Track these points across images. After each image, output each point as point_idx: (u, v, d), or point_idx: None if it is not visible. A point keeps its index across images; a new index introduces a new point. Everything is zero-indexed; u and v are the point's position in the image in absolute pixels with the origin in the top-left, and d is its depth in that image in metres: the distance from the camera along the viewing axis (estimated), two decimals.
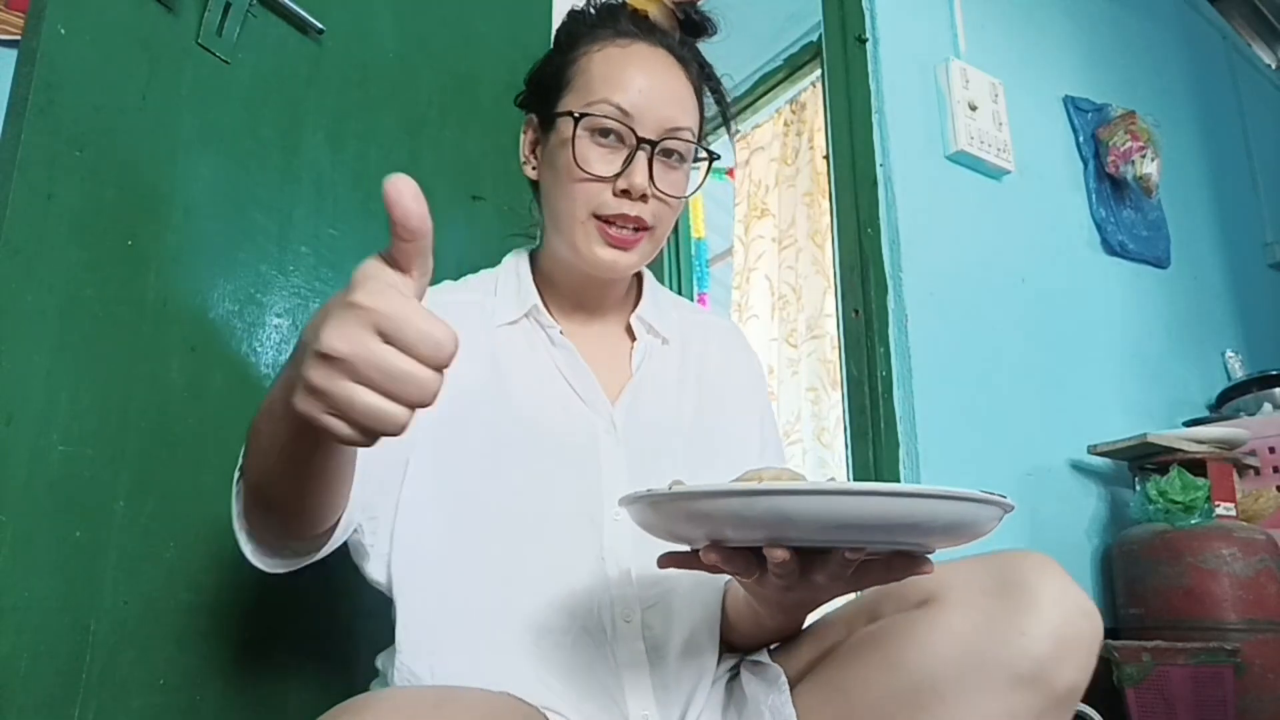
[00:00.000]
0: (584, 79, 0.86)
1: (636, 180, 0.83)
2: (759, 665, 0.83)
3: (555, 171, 0.87)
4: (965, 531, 0.58)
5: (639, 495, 0.61)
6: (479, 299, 0.92)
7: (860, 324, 2.13)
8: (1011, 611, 0.65)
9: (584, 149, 0.83)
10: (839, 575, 0.61)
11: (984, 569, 0.69)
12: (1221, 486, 2.11)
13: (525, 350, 0.88)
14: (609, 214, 0.84)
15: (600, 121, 0.83)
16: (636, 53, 0.87)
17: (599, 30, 0.89)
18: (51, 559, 0.91)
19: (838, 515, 0.54)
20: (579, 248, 0.86)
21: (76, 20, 0.99)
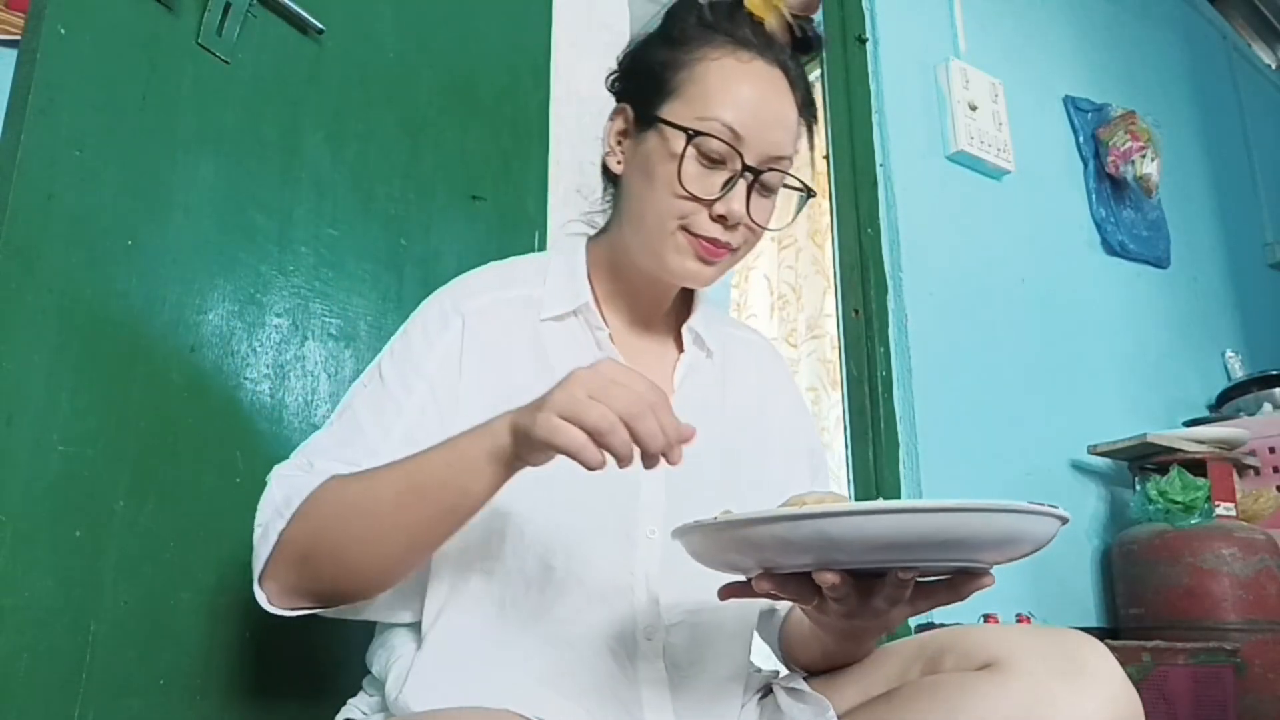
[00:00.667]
0: (698, 89, 0.82)
1: (735, 208, 0.80)
2: (799, 693, 0.83)
3: (650, 178, 0.83)
4: (1018, 545, 0.58)
5: (692, 525, 0.61)
6: (526, 292, 0.88)
7: (860, 324, 2.13)
8: (1074, 692, 0.68)
9: (689, 167, 0.80)
10: (897, 598, 0.61)
11: (1046, 643, 0.72)
12: (1221, 486, 2.11)
13: (571, 350, 0.85)
14: (700, 234, 0.82)
15: (710, 143, 0.80)
16: (755, 71, 0.82)
17: (716, 35, 0.83)
18: (51, 559, 0.91)
19: (881, 535, 0.54)
20: (664, 257, 0.83)
21: (76, 20, 0.99)
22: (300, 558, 0.71)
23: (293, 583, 0.72)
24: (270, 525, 0.71)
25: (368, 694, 0.83)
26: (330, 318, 1.19)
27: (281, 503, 0.72)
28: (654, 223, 0.82)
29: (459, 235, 1.35)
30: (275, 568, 0.71)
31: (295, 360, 1.14)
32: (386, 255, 1.26)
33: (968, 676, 0.72)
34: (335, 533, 0.70)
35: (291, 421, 1.12)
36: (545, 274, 0.90)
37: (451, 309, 0.84)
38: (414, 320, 0.86)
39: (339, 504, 0.70)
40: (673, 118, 0.81)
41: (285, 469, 0.76)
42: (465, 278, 0.90)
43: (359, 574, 0.71)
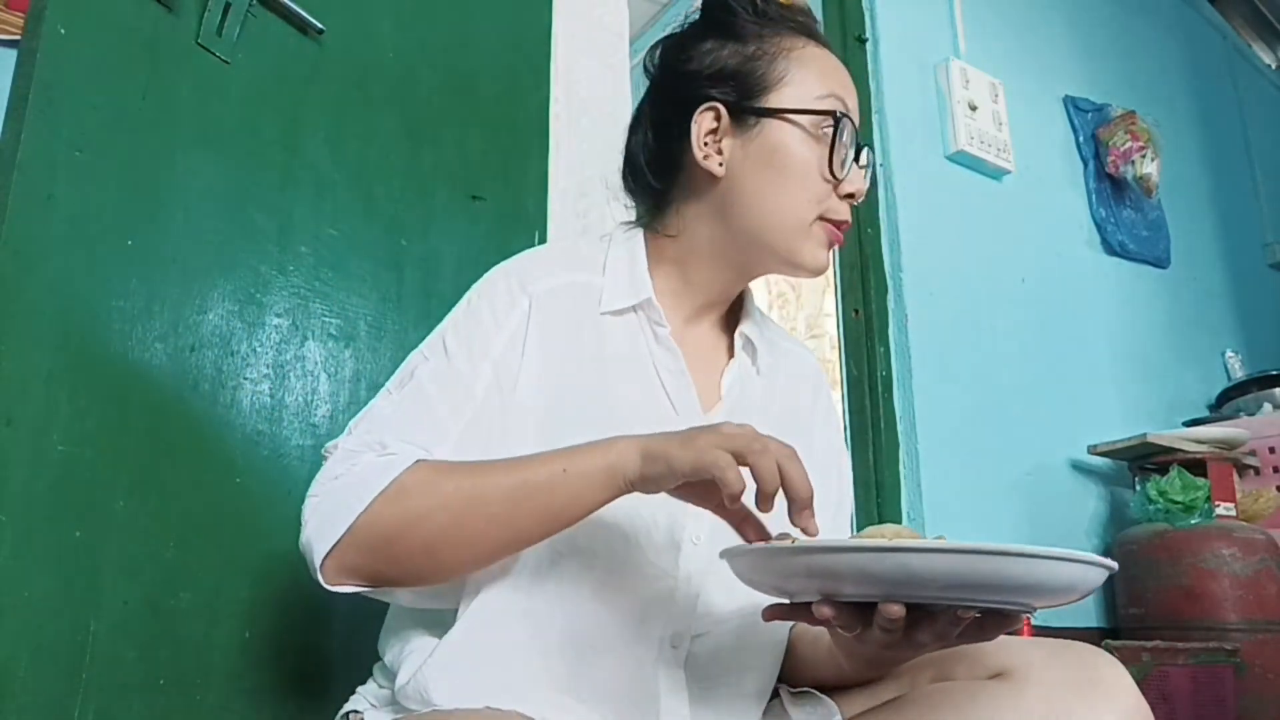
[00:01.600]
0: (802, 72, 0.82)
1: (861, 183, 0.82)
2: (806, 696, 0.82)
3: (779, 170, 0.81)
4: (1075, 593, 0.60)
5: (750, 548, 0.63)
6: (586, 278, 0.85)
7: (860, 324, 2.13)
8: (1090, 705, 0.68)
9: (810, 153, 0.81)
10: (944, 634, 0.61)
11: (1062, 656, 0.72)
12: (1221, 486, 2.11)
13: (628, 344, 0.83)
14: (835, 218, 0.82)
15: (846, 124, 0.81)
16: (828, 54, 0.86)
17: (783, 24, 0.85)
18: (51, 559, 0.91)
19: (963, 575, 0.55)
20: (799, 253, 0.82)
21: (76, 20, 0.99)
22: (382, 542, 0.69)
23: (358, 564, 0.70)
24: (342, 505, 0.69)
25: (378, 684, 0.82)
26: (330, 318, 1.19)
27: (357, 483, 0.69)
28: (791, 216, 0.82)
29: (459, 235, 1.35)
30: (345, 551, 0.69)
31: (295, 360, 1.14)
32: (386, 255, 1.26)
33: (979, 685, 0.72)
34: (431, 524, 0.69)
35: (291, 421, 1.12)
36: (604, 264, 0.87)
37: (519, 288, 0.82)
38: (479, 295, 0.83)
39: (439, 495, 0.69)
40: (792, 104, 0.81)
41: (351, 444, 0.73)
42: (531, 255, 0.88)
43: (444, 565, 0.71)
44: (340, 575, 0.70)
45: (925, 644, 0.63)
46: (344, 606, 1.11)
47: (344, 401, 1.17)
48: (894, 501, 1.98)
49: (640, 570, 0.77)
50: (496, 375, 0.77)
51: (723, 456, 0.63)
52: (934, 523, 1.97)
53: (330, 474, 0.72)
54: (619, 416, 0.77)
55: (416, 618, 0.79)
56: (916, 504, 1.99)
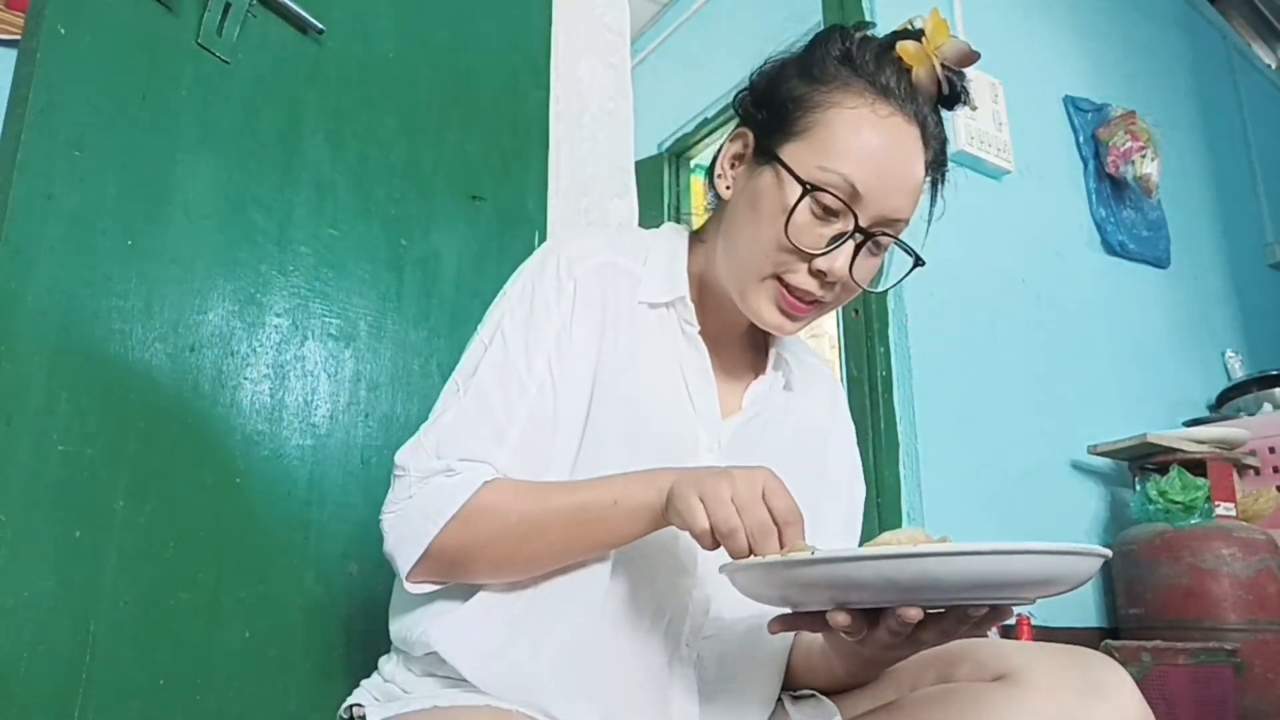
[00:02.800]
0: (825, 134, 0.77)
1: (837, 266, 0.77)
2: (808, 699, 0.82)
3: (756, 216, 0.79)
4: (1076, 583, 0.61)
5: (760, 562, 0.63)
6: (629, 264, 0.86)
7: (860, 324, 2.13)
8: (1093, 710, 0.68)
9: (800, 218, 0.76)
10: (950, 632, 0.62)
11: (1065, 660, 0.72)
12: (1221, 486, 2.11)
13: (658, 338, 0.84)
14: (794, 286, 0.79)
15: (826, 198, 0.76)
16: (891, 128, 0.77)
17: (857, 79, 0.78)
18: (51, 559, 0.91)
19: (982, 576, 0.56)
20: (748, 297, 0.81)
21: (76, 20, 0.99)
22: (455, 563, 0.76)
23: (436, 575, 0.77)
24: (418, 527, 0.75)
25: (383, 679, 0.82)
26: (330, 318, 1.19)
27: (430, 508, 0.75)
28: (749, 263, 0.80)
29: (459, 235, 1.35)
30: (423, 567, 0.76)
31: (295, 360, 1.14)
32: (386, 255, 1.26)
33: (982, 687, 0.72)
34: (497, 550, 0.75)
35: (291, 421, 1.12)
36: (646, 254, 0.88)
37: (566, 273, 0.83)
38: (531, 280, 0.84)
39: (503, 523, 0.74)
40: (793, 161, 0.77)
41: (420, 464, 0.77)
42: (577, 237, 0.89)
43: (511, 576, 0.77)
44: (421, 579, 0.77)
45: (928, 642, 0.63)
46: (345, 607, 1.11)
47: (344, 401, 1.17)
48: (894, 501, 1.98)
49: (660, 569, 0.78)
50: (550, 368, 0.80)
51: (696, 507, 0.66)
52: (934, 523, 1.97)
53: (403, 493, 0.77)
54: (644, 405, 0.81)
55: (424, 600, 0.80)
56: (916, 504, 1.98)
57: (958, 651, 0.76)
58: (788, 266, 0.78)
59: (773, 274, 0.79)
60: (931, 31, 0.78)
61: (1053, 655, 0.73)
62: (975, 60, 0.80)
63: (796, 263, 0.78)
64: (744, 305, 0.82)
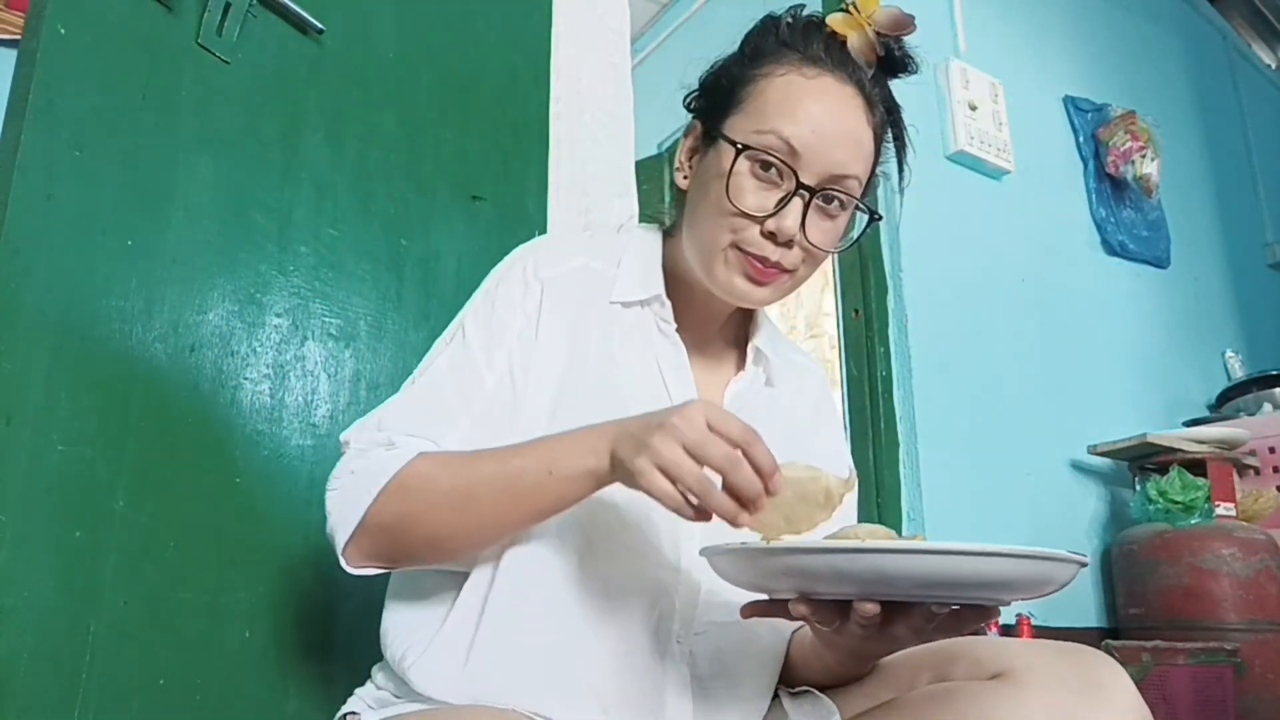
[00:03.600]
0: (758, 103, 0.80)
1: (786, 224, 0.77)
2: (806, 695, 0.82)
3: (705, 194, 0.82)
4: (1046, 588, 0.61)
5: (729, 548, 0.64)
6: (601, 266, 0.87)
7: (860, 324, 2.13)
8: (1091, 708, 0.68)
9: (740, 182, 0.78)
10: (920, 629, 0.63)
11: (1062, 658, 0.72)
12: (1221, 486, 2.11)
13: (635, 336, 0.85)
14: (750, 251, 0.79)
15: (763, 156, 0.78)
16: (821, 86, 0.79)
17: (787, 51, 0.81)
18: (51, 559, 0.91)
19: (935, 574, 0.57)
20: (715, 274, 0.82)
21: (76, 20, 0.99)
22: (389, 536, 0.74)
23: (374, 551, 0.76)
24: (354, 499, 0.74)
25: (376, 686, 0.82)
26: (330, 318, 1.19)
27: (366, 478, 0.74)
28: (707, 238, 0.81)
29: (459, 235, 1.35)
30: (360, 539, 0.75)
31: (295, 360, 1.14)
32: (386, 255, 1.26)
33: (979, 685, 0.72)
34: (431, 521, 0.73)
35: (291, 421, 1.12)
36: (620, 256, 0.89)
37: (533, 275, 0.84)
38: (497, 280, 0.86)
39: (435, 494, 0.73)
40: (732, 132, 0.80)
41: (361, 437, 0.78)
42: (549, 240, 0.90)
43: (449, 553, 0.76)
44: (361, 560, 0.76)
45: (901, 638, 0.64)
46: (345, 607, 1.11)
47: (344, 401, 1.17)
48: (894, 501, 1.98)
49: (643, 565, 0.78)
50: (510, 367, 0.81)
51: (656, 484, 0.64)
52: (934, 523, 1.97)
53: (346, 469, 0.77)
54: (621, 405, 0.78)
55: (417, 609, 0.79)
56: (916, 504, 1.99)
57: (955, 650, 0.76)
58: (741, 232, 0.79)
59: (730, 243, 0.80)
60: (862, 1, 0.81)
61: (1050, 654, 0.73)
62: (909, 25, 0.83)
63: (749, 226, 0.79)
64: (712, 282, 0.82)
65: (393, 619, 0.81)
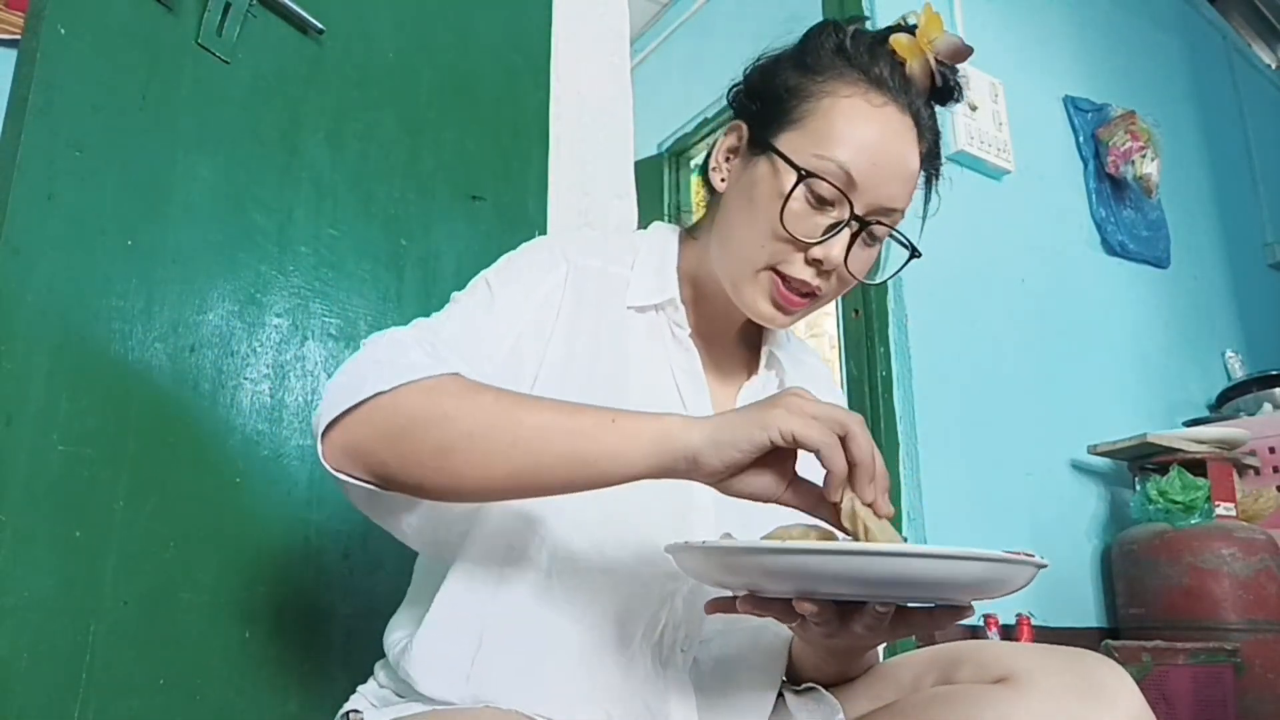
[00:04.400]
0: (821, 123, 0.77)
1: (834, 254, 0.76)
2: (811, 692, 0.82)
3: (752, 206, 0.79)
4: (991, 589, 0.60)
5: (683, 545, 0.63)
6: (617, 270, 0.86)
7: (860, 324, 2.13)
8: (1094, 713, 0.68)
9: (795, 206, 0.76)
10: (875, 626, 0.62)
11: (1066, 663, 0.72)
12: (1221, 486, 2.11)
13: (647, 341, 0.84)
14: (790, 275, 0.78)
15: (822, 186, 0.75)
16: (885, 116, 0.77)
17: (851, 70, 0.78)
18: (51, 559, 0.91)
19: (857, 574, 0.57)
20: (742, 290, 0.80)
21: (76, 20, 0.99)
22: (397, 427, 0.66)
23: (364, 444, 0.67)
24: (368, 378, 0.67)
25: (379, 683, 0.82)
26: (330, 318, 1.19)
27: (397, 367, 0.67)
28: (744, 254, 0.79)
29: (459, 235, 1.35)
30: (357, 424, 0.67)
31: (295, 360, 1.14)
32: (386, 255, 1.26)
33: (983, 689, 0.72)
34: (455, 427, 0.66)
35: (291, 421, 1.12)
36: (634, 258, 0.87)
37: (561, 256, 0.83)
38: (520, 255, 0.84)
39: (473, 402, 0.66)
40: (789, 150, 0.77)
41: (403, 335, 0.72)
42: (572, 235, 0.89)
43: (451, 477, 0.67)
44: (343, 455, 0.68)
45: (862, 635, 0.63)
46: (345, 607, 1.11)
47: None
48: (894, 501, 1.97)
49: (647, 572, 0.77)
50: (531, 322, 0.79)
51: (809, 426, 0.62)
52: (934, 522, 1.97)
53: (370, 355, 0.70)
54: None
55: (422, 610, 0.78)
56: (916, 504, 1.99)
57: (960, 653, 0.76)
58: (783, 256, 0.77)
59: (768, 265, 0.78)
60: (924, 25, 0.79)
61: (1054, 658, 0.73)
62: (968, 55, 0.81)
63: (792, 252, 0.77)
64: (737, 298, 0.81)
65: (399, 619, 0.81)
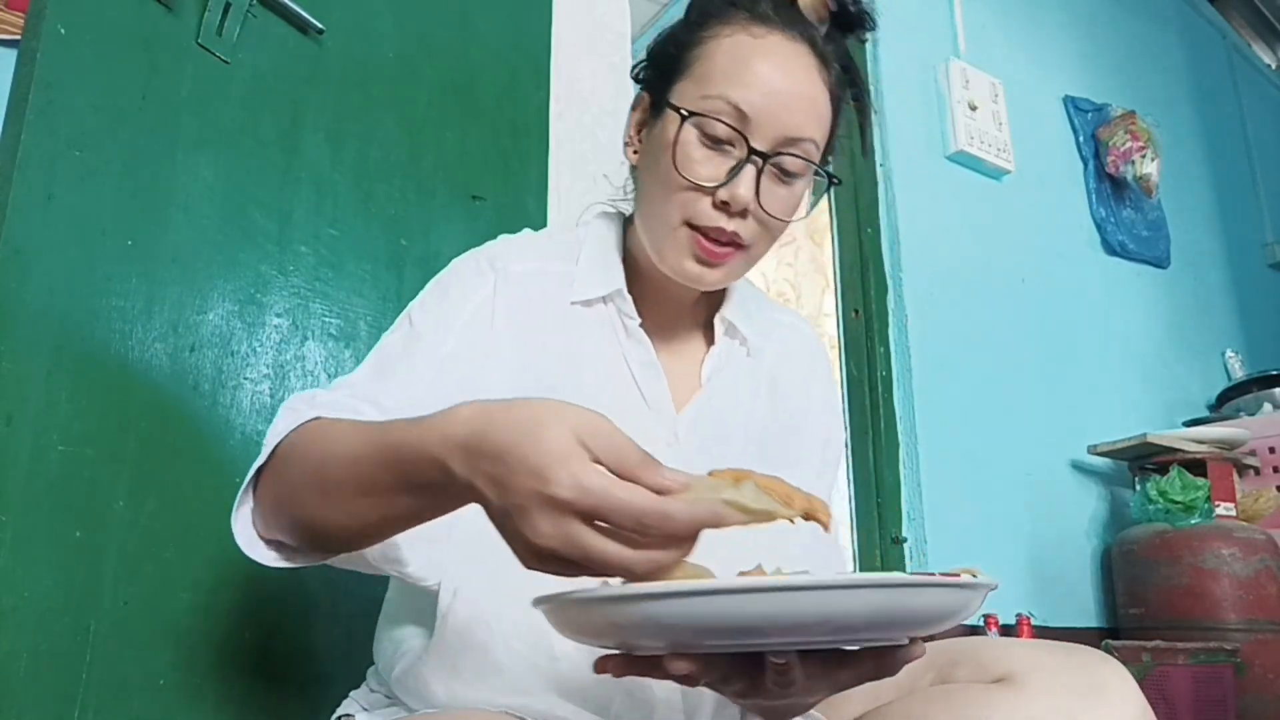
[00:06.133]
0: (705, 67, 0.75)
1: (739, 193, 0.73)
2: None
3: (656, 166, 0.77)
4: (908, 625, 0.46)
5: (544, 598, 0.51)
6: (560, 269, 0.83)
7: (860, 324, 2.13)
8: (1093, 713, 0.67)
9: (688, 151, 0.74)
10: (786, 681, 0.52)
11: (1066, 661, 0.71)
12: (1221, 486, 2.11)
13: (598, 337, 0.82)
14: (703, 225, 0.75)
15: (711, 124, 0.73)
16: (771, 45, 0.74)
17: (734, 11, 0.76)
18: (51, 559, 0.91)
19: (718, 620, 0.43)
20: (665, 255, 0.77)
21: (76, 20, 0.99)
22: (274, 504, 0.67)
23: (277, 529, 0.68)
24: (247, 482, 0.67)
25: (370, 688, 0.82)
26: (330, 318, 1.19)
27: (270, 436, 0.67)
28: (657, 214, 0.78)
29: (459, 235, 1.34)
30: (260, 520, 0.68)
31: (295, 360, 1.14)
32: (386, 255, 1.26)
33: (982, 689, 0.71)
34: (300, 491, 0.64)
35: None
36: (579, 251, 0.85)
37: (488, 266, 0.81)
38: (446, 273, 0.83)
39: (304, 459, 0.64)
40: (680, 100, 0.76)
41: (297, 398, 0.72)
42: (503, 240, 0.86)
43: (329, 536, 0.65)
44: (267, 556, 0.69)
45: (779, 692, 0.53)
46: (345, 607, 1.11)
47: None
48: (894, 501, 1.98)
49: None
50: (460, 345, 0.77)
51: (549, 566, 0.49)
52: (934, 523, 1.97)
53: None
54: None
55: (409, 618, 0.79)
56: (916, 504, 1.99)
57: (958, 652, 0.75)
58: (692, 207, 0.75)
59: (682, 220, 0.75)
60: None
61: (1054, 656, 0.72)
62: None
63: (700, 200, 0.75)
64: (662, 262, 0.78)
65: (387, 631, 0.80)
